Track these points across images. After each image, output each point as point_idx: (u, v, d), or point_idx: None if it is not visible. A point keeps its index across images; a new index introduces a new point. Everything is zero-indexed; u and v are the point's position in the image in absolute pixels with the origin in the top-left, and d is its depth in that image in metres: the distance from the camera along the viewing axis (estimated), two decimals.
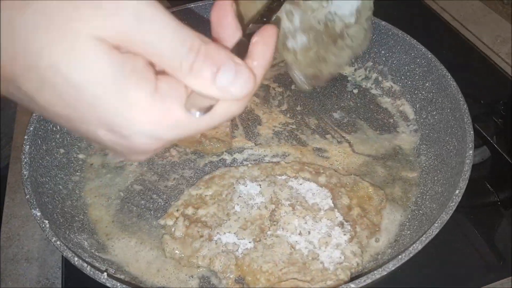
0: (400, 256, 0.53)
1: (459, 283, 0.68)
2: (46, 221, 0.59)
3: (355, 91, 0.91)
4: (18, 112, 0.98)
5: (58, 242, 0.57)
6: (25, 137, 0.70)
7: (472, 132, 0.67)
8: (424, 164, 0.76)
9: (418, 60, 0.83)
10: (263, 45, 0.35)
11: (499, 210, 0.77)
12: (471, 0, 1.22)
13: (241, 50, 0.35)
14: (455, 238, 0.73)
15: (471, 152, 0.64)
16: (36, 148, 0.71)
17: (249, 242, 0.64)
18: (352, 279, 0.60)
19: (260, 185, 0.71)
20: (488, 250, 0.73)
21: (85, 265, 0.54)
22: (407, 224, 0.68)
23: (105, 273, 0.54)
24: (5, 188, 0.85)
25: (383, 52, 0.89)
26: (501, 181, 0.78)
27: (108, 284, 0.53)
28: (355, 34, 0.58)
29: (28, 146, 0.69)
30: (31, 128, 0.71)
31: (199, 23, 0.95)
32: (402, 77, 0.86)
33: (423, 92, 0.82)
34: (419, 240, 0.54)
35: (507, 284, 0.68)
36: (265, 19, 0.44)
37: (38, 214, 0.59)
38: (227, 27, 0.36)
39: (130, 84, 0.30)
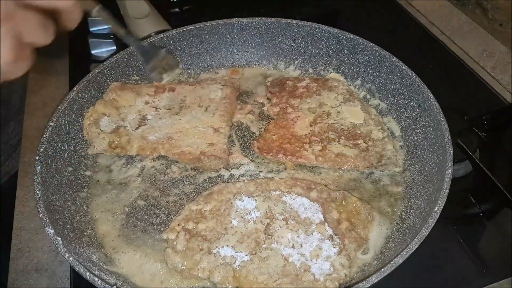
0: (382, 269, 0.58)
1: None
2: (59, 238, 0.63)
3: None
4: (24, 128, 1.02)
5: (71, 258, 0.61)
6: (36, 157, 0.74)
7: (451, 152, 0.72)
8: (409, 180, 0.81)
9: (403, 80, 0.87)
10: None
11: (482, 221, 0.82)
12: (458, 14, 1.26)
13: None
14: (441, 247, 0.77)
15: (450, 170, 0.69)
16: (46, 168, 0.75)
17: (246, 255, 0.68)
18: None
19: (255, 200, 0.75)
20: (472, 258, 0.77)
21: (96, 279, 0.58)
22: (392, 237, 0.73)
23: (115, 287, 0.59)
24: (5, 201, 0.89)
25: (370, 71, 0.93)
26: (483, 194, 0.83)
27: None
28: None
29: (39, 167, 0.72)
30: (42, 149, 0.75)
31: (199, 43, 1.00)
32: (389, 96, 0.91)
33: (408, 111, 0.86)
34: (400, 255, 0.59)
35: None
36: None
37: (52, 231, 0.64)
38: None
39: None
